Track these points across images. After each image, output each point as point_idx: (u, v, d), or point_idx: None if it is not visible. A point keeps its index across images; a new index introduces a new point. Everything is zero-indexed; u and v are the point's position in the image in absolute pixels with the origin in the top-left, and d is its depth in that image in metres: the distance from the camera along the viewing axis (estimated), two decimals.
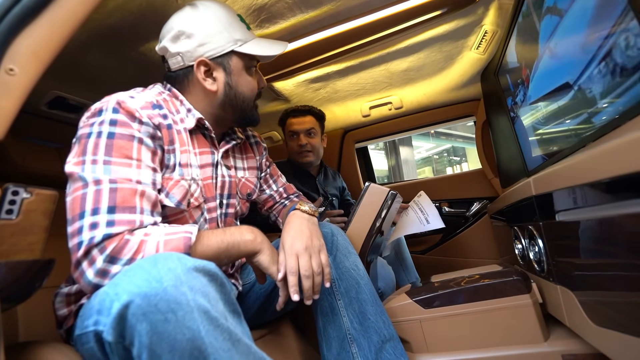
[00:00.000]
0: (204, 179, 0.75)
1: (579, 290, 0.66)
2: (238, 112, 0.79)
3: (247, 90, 0.78)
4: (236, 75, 0.77)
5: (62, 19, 0.47)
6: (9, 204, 0.44)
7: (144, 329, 0.40)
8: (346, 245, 0.87)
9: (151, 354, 0.40)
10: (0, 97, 0.42)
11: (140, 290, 0.41)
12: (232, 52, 0.75)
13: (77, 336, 0.52)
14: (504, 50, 1.15)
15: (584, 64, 0.62)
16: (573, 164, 0.58)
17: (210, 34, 0.73)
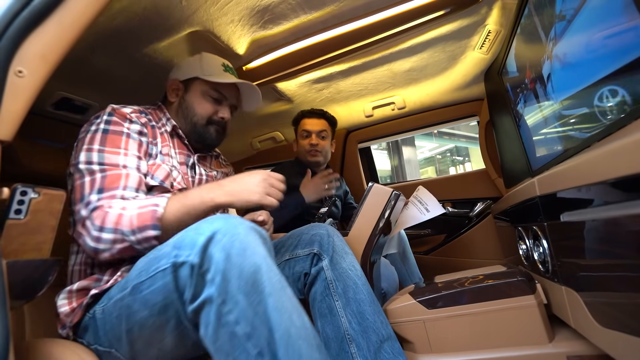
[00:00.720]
0: (183, 174, 0.90)
1: (584, 291, 0.65)
2: (189, 124, 0.95)
3: (199, 108, 0.95)
4: (193, 96, 0.96)
5: (70, 21, 0.48)
6: (18, 204, 0.45)
7: (221, 257, 0.52)
8: (342, 246, 0.88)
9: (224, 277, 0.51)
10: (9, 99, 0.43)
11: (220, 230, 0.54)
12: (196, 78, 0.95)
13: (136, 285, 0.61)
14: (507, 50, 1.15)
15: (588, 63, 0.62)
16: (578, 164, 0.58)
17: (188, 66, 0.98)
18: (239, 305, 0.50)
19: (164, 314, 0.58)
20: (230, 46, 1.14)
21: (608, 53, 0.56)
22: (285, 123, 1.87)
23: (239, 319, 0.50)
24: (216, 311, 0.50)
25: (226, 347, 0.50)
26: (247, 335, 0.50)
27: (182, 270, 0.54)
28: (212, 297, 0.51)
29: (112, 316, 0.64)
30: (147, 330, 0.61)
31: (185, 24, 1.02)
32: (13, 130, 0.44)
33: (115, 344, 0.65)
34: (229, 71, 1.00)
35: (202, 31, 1.05)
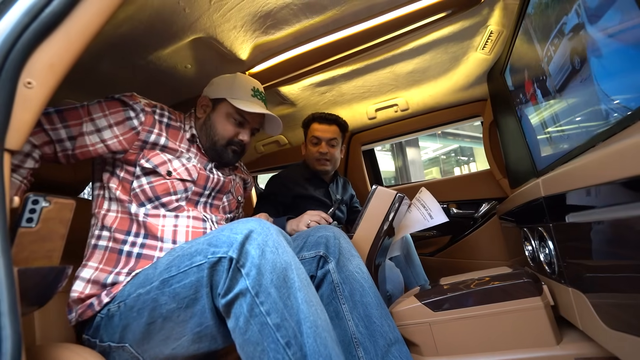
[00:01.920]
0: (197, 169, 0.94)
1: (592, 292, 0.65)
2: (210, 142, 1.00)
3: (221, 129, 0.99)
4: (218, 116, 1.00)
5: (77, 32, 0.49)
6: (30, 213, 0.45)
7: (256, 253, 0.58)
8: (349, 248, 0.87)
9: (258, 271, 0.56)
10: (19, 110, 0.44)
11: (255, 229, 0.60)
12: (224, 99, 1.00)
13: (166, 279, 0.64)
14: (510, 50, 1.15)
15: (593, 61, 0.62)
16: (583, 164, 0.58)
17: (219, 85, 1.03)
18: (270, 298, 0.55)
19: (191, 308, 0.62)
20: (233, 52, 1.16)
21: (612, 51, 0.56)
22: (289, 126, 1.87)
23: (270, 311, 0.54)
24: (249, 303, 0.55)
25: (255, 338, 0.54)
26: (277, 325, 0.54)
27: (219, 265, 0.59)
28: (247, 290, 0.55)
29: (133, 310, 0.66)
30: (170, 324, 0.63)
31: (188, 30, 1.03)
32: (23, 140, 0.45)
33: (130, 338, 0.67)
34: (257, 96, 1.03)
35: (206, 37, 1.06)
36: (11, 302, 0.35)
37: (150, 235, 0.83)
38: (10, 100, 0.43)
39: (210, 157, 1.01)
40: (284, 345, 0.53)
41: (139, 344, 0.67)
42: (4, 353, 0.33)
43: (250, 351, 0.55)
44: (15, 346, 0.34)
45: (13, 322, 0.35)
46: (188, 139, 0.98)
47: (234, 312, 0.57)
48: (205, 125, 1.00)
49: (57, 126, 0.79)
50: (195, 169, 0.93)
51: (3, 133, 0.43)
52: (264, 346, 0.53)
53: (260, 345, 0.54)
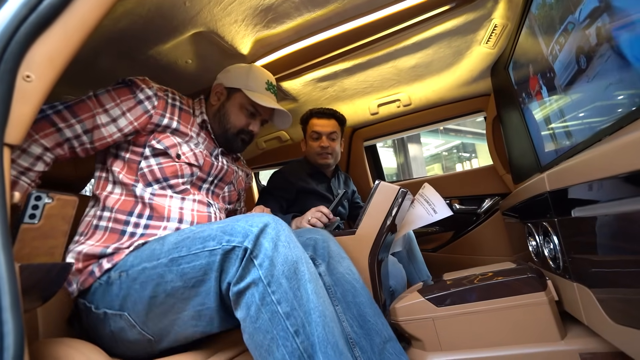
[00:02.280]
0: (204, 155, 0.96)
1: (597, 287, 0.64)
2: (222, 129, 1.03)
3: (234, 119, 1.03)
4: (232, 105, 1.03)
5: (76, 25, 0.48)
6: (32, 209, 0.45)
7: (270, 245, 0.60)
8: (339, 251, 0.89)
9: (271, 262, 0.59)
10: (18, 104, 0.43)
11: (269, 224, 0.63)
12: (239, 90, 1.02)
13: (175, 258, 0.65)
14: (514, 44, 1.13)
15: (599, 55, 0.61)
16: (589, 158, 0.57)
17: (235, 75, 1.05)
18: (282, 288, 0.58)
19: (196, 287, 0.64)
20: (234, 46, 1.15)
21: (618, 44, 0.55)
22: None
23: (281, 300, 0.57)
24: (261, 292, 0.57)
25: (266, 326, 0.56)
26: (287, 314, 0.56)
27: (233, 254, 0.61)
28: (259, 279, 0.58)
29: (136, 282, 0.68)
30: (172, 300, 0.65)
31: (189, 25, 1.02)
32: (22, 134, 0.45)
33: (130, 308, 0.69)
34: (270, 89, 1.07)
35: (206, 32, 1.05)
36: (13, 298, 0.35)
37: (155, 215, 0.84)
38: (9, 94, 0.42)
39: (218, 143, 1.04)
40: (293, 333, 0.55)
41: (138, 314, 0.68)
42: (6, 348, 0.33)
43: (260, 339, 0.57)
44: (18, 341, 0.34)
45: (15, 318, 0.35)
46: (199, 123, 0.99)
47: (245, 301, 0.59)
48: (220, 113, 1.03)
49: (72, 122, 0.79)
50: (202, 155, 0.95)
51: (2, 127, 0.42)
52: (274, 334, 0.56)
53: (270, 333, 0.56)
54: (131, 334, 0.70)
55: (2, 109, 0.42)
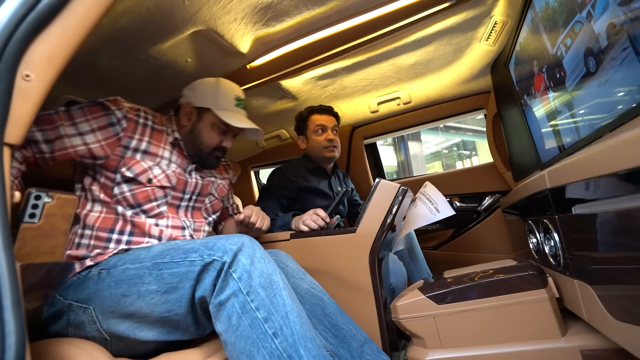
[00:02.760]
0: (177, 174, 0.96)
1: (598, 284, 0.64)
2: (195, 149, 1.02)
3: (207, 139, 1.02)
4: (204, 125, 1.02)
5: (75, 24, 0.48)
6: (32, 208, 0.45)
7: (247, 261, 0.65)
8: (297, 269, 0.92)
9: (248, 275, 0.64)
10: (17, 103, 0.43)
11: (246, 243, 0.68)
12: (209, 110, 1.01)
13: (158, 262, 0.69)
14: (514, 41, 1.13)
15: (599, 51, 0.61)
16: (590, 155, 0.57)
17: (204, 93, 1.03)
18: (259, 296, 0.63)
19: (168, 294, 0.67)
20: (234, 44, 1.14)
21: (619, 40, 0.54)
22: (290, 121, 1.86)
23: (259, 307, 0.62)
24: (241, 301, 0.62)
25: (247, 332, 0.61)
26: (265, 319, 0.61)
27: (211, 266, 0.65)
28: (239, 290, 0.62)
29: (112, 279, 0.71)
30: (141, 303, 0.67)
31: (188, 23, 1.02)
32: (22, 133, 0.45)
33: (97, 303, 0.70)
34: (240, 105, 1.07)
35: (206, 30, 1.05)
36: (14, 297, 0.35)
37: (136, 232, 0.86)
38: (8, 93, 0.42)
39: (192, 160, 1.04)
40: (272, 335, 0.60)
41: (103, 311, 0.69)
42: (8, 347, 0.33)
43: (242, 346, 0.60)
44: (19, 340, 0.34)
45: (16, 317, 0.35)
46: (171, 142, 1.00)
47: (226, 312, 0.62)
48: (192, 134, 1.02)
49: (32, 129, 0.79)
50: (175, 174, 0.96)
51: (2, 127, 0.42)
52: (254, 338, 0.60)
53: (250, 338, 0.60)
54: (89, 330, 0.70)
55: (2, 109, 0.41)
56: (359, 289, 1.00)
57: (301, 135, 1.62)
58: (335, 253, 1.05)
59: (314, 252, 1.10)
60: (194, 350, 0.72)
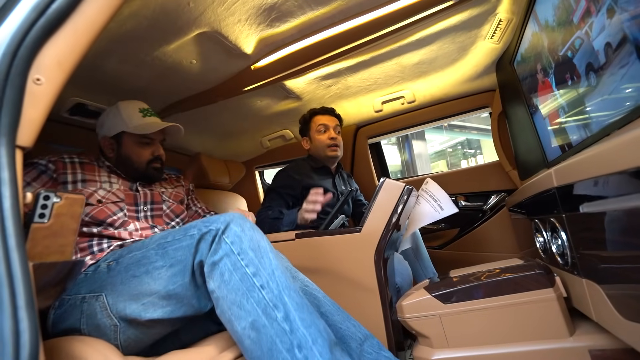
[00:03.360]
0: (123, 191, 1.02)
1: (607, 283, 0.64)
2: (132, 170, 1.06)
3: (136, 157, 1.06)
4: (127, 147, 1.06)
5: (83, 28, 0.49)
6: (42, 208, 0.46)
7: (238, 229, 0.72)
8: (289, 267, 0.91)
9: (239, 239, 0.71)
10: (29, 107, 0.44)
11: (236, 216, 0.75)
12: (123, 132, 1.05)
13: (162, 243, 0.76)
14: (519, 38, 1.12)
15: (607, 48, 0.60)
16: (598, 153, 0.56)
17: (112, 123, 1.06)
18: (249, 256, 0.70)
19: (173, 267, 0.72)
20: (238, 46, 1.15)
21: (628, 37, 0.54)
22: (295, 121, 1.87)
23: (249, 264, 0.69)
24: (233, 260, 0.69)
25: (237, 285, 0.67)
26: (254, 274, 0.68)
27: (208, 235, 0.71)
28: (231, 251, 0.69)
29: (122, 266, 0.76)
30: (148, 279, 0.73)
31: (193, 25, 1.02)
32: (34, 136, 0.46)
33: (109, 289, 0.74)
34: (147, 114, 1.10)
35: (210, 32, 1.06)
36: (27, 296, 0.36)
37: (114, 237, 0.93)
38: (20, 97, 0.43)
39: (134, 179, 1.08)
40: (259, 287, 0.67)
41: (114, 296, 0.73)
42: (23, 345, 0.34)
43: (232, 297, 0.67)
44: (33, 338, 0.34)
45: (30, 315, 0.35)
46: (106, 171, 1.04)
47: (219, 270, 0.69)
48: (121, 159, 1.06)
49: None
50: (121, 191, 1.01)
51: (14, 130, 0.43)
52: (244, 290, 0.66)
53: (240, 290, 0.66)
54: (100, 317, 0.72)
55: (14, 112, 0.42)
56: (365, 289, 1.00)
57: (305, 136, 1.65)
58: (341, 253, 1.05)
59: (319, 251, 1.10)
60: (200, 349, 0.73)
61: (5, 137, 0.42)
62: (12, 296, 0.36)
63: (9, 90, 0.42)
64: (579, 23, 0.69)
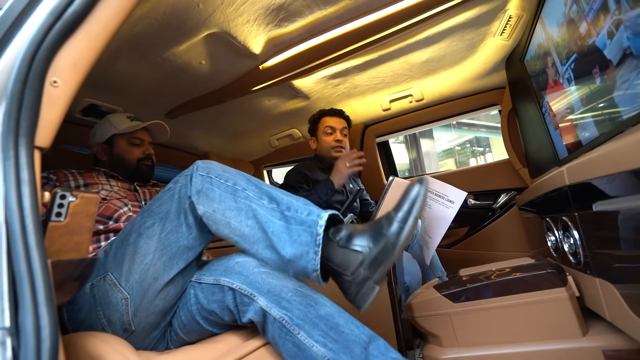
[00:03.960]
0: (124, 191, 1.09)
1: (621, 282, 0.63)
2: (126, 170, 1.16)
3: (128, 156, 1.16)
4: (118, 148, 1.16)
5: (98, 31, 0.50)
6: (58, 207, 0.47)
7: (205, 164, 0.78)
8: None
9: (209, 168, 0.77)
10: (46, 109, 0.45)
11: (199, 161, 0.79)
12: (114, 135, 1.16)
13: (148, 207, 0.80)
14: (530, 35, 1.11)
15: (619, 42, 0.59)
16: (612, 150, 0.56)
17: (102, 130, 1.17)
18: (224, 175, 0.76)
19: (162, 221, 0.76)
20: (247, 46, 1.16)
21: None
22: (303, 120, 1.87)
23: (227, 180, 0.76)
24: (213, 181, 0.75)
25: (223, 195, 0.74)
26: (233, 184, 0.75)
27: (183, 179, 0.77)
28: (208, 177, 0.76)
29: (116, 243, 0.79)
30: (143, 240, 0.75)
31: (202, 26, 1.04)
32: (51, 137, 0.47)
33: (112, 266, 0.75)
34: (134, 119, 1.21)
35: (219, 33, 1.07)
36: (47, 292, 0.37)
37: (119, 230, 0.94)
38: (38, 99, 0.44)
39: (130, 180, 1.16)
40: (242, 189, 0.75)
41: (118, 270, 0.74)
42: (43, 339, 0.35)
43: (223, 205, 0.74)
44: (53, 333, 0.35)
45: (50, 311, 0.37)
46: (104, 177, 1.12)
47: (204, 193, 0.75)
48: (115, 161, 1.16)
49: None
50: (123, 190, 1.08)
51: (33, 131, 0.44)
52: (230, 196, 0.74)
53: (227, 197, 0.74)
54: (111, 294, 0.73)
55: (32, 114, 0.43)
56: None
57: (313, 136, 1.68)
58: None
59: None
60: (207, 346, 0.74)
61: (25, 138, 0.43)
62: (32, 293, 0.37)
63: (27, 93, 0.44)
64: (592, 18, 0.68)
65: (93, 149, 1.19)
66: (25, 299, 0.36)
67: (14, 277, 0.37)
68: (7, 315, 0.36)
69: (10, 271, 0.38)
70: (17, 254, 0.38)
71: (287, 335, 0.69)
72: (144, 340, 0.76)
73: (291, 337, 0.69)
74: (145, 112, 1.43)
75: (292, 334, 0.69)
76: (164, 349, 0.80)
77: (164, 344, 0.80)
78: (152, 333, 0.77)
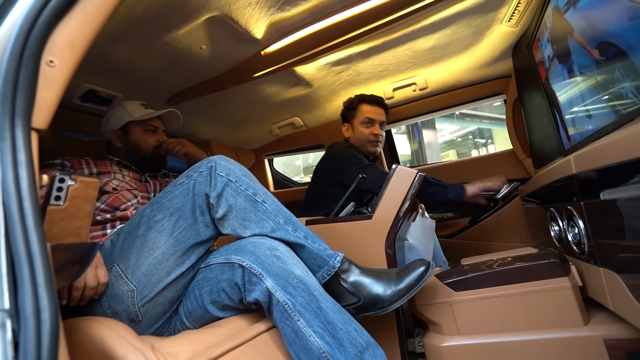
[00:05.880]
0: (135, 182, 1.10)
1: (627, 272, 0.62)
2: (140, 157, 1.16)
3: (143, 144, 1.16)
4: (134, 135, 1.16)
5: (94, 9, 0.48)
6: (57, 191, 0.46)
7: (225, 163, 0.80)
8: (289, 254, 0.78)
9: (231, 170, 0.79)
10: (43, 88, 0.44)
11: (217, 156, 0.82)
12: (129, 122, 1.15)
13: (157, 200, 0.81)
14: (539, 21, 1.08)
15: (630, 30, 0.57)
16: (621, 138, 0.54)
17: (117, 116, 1.17)
18: (245, 181, 0.80)
19: (172, 215, 0.77)
20: (248, 30, 1.13)
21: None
22: (304, 108, 1.85)
23: (247, 188, 0.79)
24: (233, 187, 0.78)
25: (244, 204, 0.78)
26: (254, 194, 0.80)
27: (201, 176, 0.78)
28: (229, 181, 0.79)
29: (124, 234, 0.79)
30: (152, 234, 0.75)
31: (203, 9, 1.01)
32: (48, 119, 0.46)
33: (119, 258, 0.75)
34: (148, 107, 1.20)
35: (220, 16, 1.04)
36: (47, 275, 0.37)
37: (126, 218, 0.96)
38: (34, 79, 0.43)
39: (142, 170, 1.16)
40: (261, 202, 0.80)
41: (125, 261, 0.74)
42: (43, 321, 0.34)
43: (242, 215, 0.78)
44: (53, 316, 0.35)
45: (50, 294, 0.36)
46: (116, 166, 1.12)
47: (224, 197, 0.77)
48: (130, 148, 1.15)
49: None
50: (134, 181, 1.09)
51: (29, 112, 0.43)
52: (250, 207, 0.78)
53: (247, 208, 0.78)
54: (117, 286, 0.73)
55: (29, 94, 0.42)
56: None
57: (346, 122, 1.59)
58: (352, 239, 1.05)
59: (329, 238, 1.10)
60: (210, 331, 0.74)
61: (21, 119, 0.42)
62: (32, 275, 0.37)
63: (23, 73, 0.42)
64: (605, 4, 0.66)
65: (107, 136, 1.17)
66: (25, 281, 0.36)
67: (13, 259, 0.37)
68: (6, 297, 0.36)
69: (8, 253, 0.37)
70: (15, 236, 0.37)
71: (287, 320, 0.70)
72: (149, 329, 0.77)
73: (291, 322, 0.69)
74: (146, 98, 1.41)
75: (292, 320, 0.69)
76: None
77: (168, 333, 0.81)
78: (157, 322, 0.78)
